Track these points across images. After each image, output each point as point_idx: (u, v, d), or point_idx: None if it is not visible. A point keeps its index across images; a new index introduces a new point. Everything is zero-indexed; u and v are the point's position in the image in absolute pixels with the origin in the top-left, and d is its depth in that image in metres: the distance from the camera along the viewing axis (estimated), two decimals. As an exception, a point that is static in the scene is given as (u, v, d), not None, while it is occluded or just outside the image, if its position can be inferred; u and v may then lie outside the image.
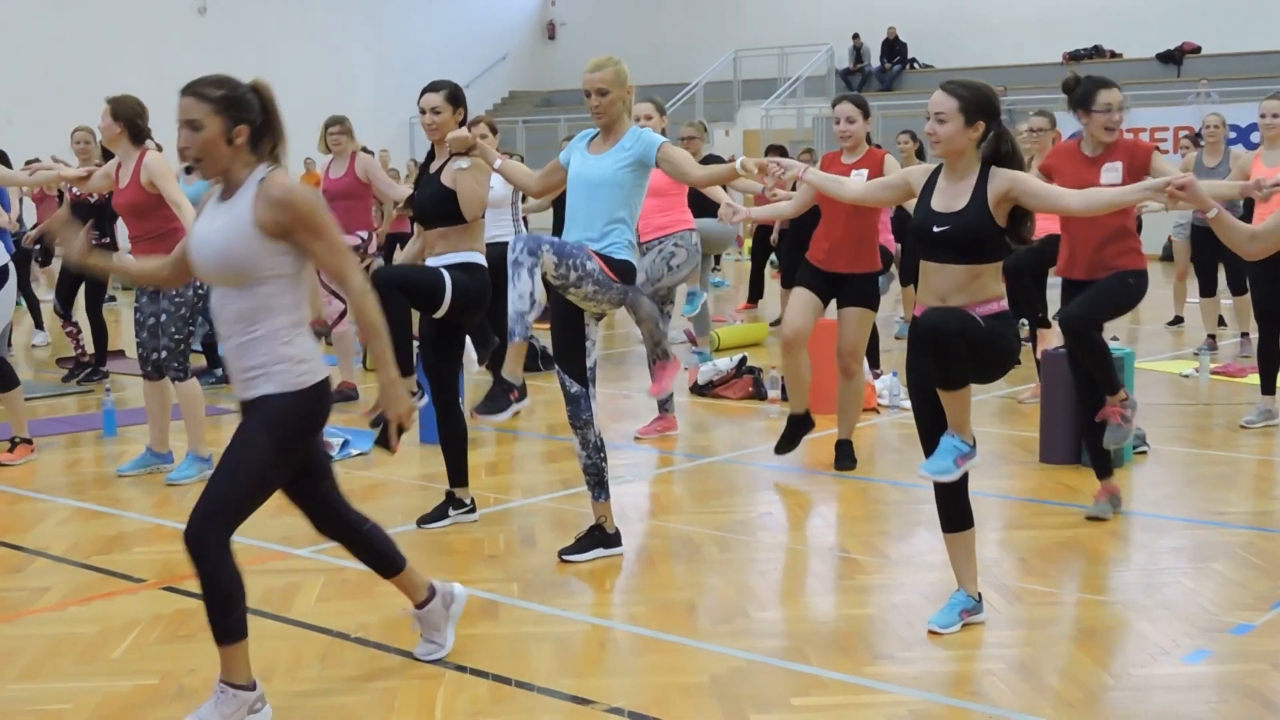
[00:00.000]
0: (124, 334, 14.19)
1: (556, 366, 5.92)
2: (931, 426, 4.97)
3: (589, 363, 5.88)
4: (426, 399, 6.63)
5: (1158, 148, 6.94)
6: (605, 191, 5.75)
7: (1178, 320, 14.07)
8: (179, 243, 7.56)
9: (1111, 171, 6.58)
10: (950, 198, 4.91)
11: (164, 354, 7.52)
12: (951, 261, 4.86)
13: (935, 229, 4.88)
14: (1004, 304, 4.91)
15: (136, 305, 7.68)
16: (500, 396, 5.62)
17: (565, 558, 5.95)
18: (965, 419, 4.87)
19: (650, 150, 5.75)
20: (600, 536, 6.04)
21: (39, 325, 14.23)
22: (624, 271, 5.74)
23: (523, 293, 5.47)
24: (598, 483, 6.02)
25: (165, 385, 7.68)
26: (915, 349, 4.86)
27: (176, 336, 7.50)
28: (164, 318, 7.51)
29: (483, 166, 6.36)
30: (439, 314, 6.33)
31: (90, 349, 11.51)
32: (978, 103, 4.87)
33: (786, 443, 7.78)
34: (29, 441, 8.21)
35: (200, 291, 7.56)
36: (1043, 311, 8.94)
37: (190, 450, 7.64)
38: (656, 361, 8.18)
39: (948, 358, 4.70)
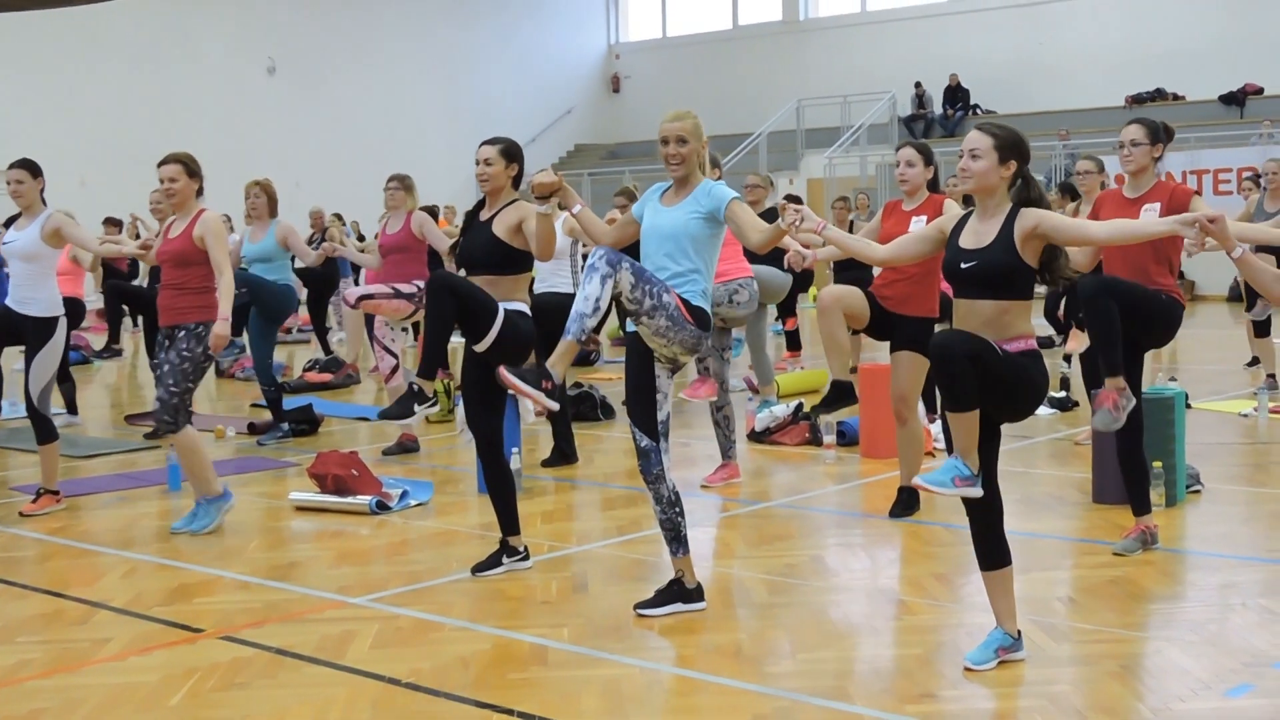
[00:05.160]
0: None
1: (629, 419, 5.87)
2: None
3: (661, 416, 5.77)
4: (469, 438, 6.57)
5: (1197, 192, 6.94)
6: (678, 242, 5.72)
7: (1255, 361, 13.35)
8: (205, 302, 7.68)
9: (1149, 211, 6.63)
10: (979, 235, 5.03)
11: (157, 403, 7.57)
12: (979, 297, 4.95)
13: (963, 265, 4.99)
14: (1031, 343, 4.97)
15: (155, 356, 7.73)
16: (533, 377, 5.49)
17: (640, 612, 5.84)
18: (970, 443, 4.90)
19: (720, 206, 5.71)
20: (679, 591, 5.89)
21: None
22: (699, 318, 5.69)
23: (589, 296, 5.42)
24: (674, 538, 5.86)
25: (183, 437, 7.62)
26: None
27: (173, 389, 7.51)
28: (166, 368, 7.59)
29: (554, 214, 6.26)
30: (481, 346, 6.37)
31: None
32: (1011, 143, 5.03)
33: (825, 405, 7.53)
34: (55, 493, 8.32)
35: (211, 355, 7.61)
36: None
37: (199, 499, 7.71)
38: (699, 374, 8.43)
39: (953, 376, 4.77)
